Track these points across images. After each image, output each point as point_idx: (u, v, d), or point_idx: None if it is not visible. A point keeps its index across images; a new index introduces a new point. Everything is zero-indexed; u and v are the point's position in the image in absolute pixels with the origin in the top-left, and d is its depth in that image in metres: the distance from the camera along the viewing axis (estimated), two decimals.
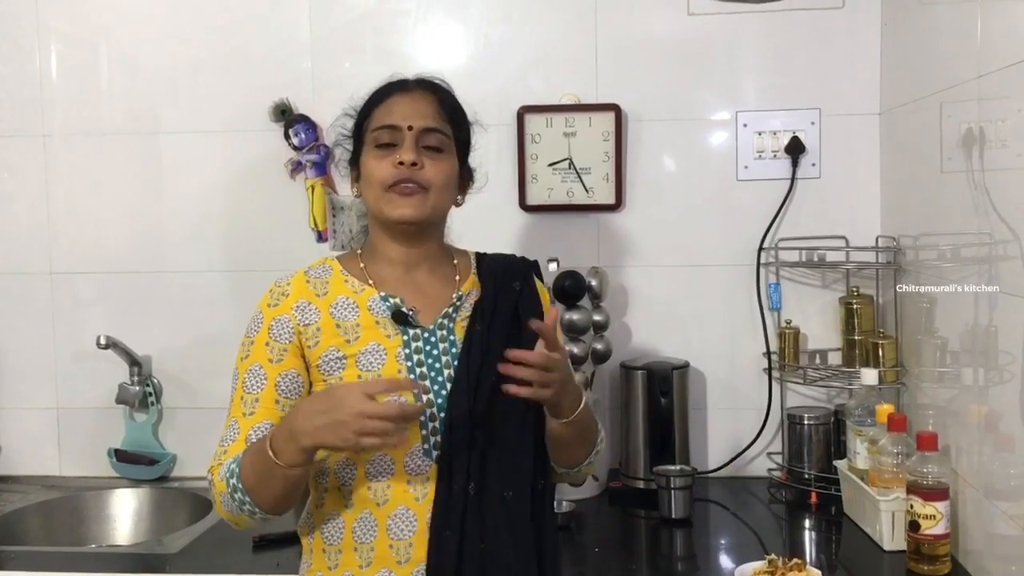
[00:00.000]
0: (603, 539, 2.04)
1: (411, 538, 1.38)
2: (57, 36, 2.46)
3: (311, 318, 1.42)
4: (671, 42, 2.34)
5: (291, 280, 1.46)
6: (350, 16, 2.41)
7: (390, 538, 1.38)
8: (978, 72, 1.69)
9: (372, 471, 1.39)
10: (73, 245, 2.48)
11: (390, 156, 1.41)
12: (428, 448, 1.39)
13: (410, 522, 1.38)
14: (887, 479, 1.85)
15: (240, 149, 2.43)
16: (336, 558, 1.41)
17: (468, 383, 1.39)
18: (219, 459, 1.39)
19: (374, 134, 1.44)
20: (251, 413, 1.40)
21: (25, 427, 2.51)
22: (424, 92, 1.47)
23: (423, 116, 1.43)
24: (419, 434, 1.39)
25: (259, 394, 1.40)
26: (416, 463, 1.39)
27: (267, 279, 1.50)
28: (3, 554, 2.02)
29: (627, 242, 2.37)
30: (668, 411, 2.22)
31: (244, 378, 1.42)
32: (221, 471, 1.37)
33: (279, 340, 1.42)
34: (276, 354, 1.41)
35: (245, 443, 1.38)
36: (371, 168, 1.43)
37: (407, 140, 1.41)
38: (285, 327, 1.42)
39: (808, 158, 2.32)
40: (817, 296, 2.33)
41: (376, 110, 1.46)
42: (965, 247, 1.80)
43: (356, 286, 1.45)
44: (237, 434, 1.39)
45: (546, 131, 2.34)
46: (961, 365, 1.83)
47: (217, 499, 1.38)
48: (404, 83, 1.48)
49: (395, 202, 1.41)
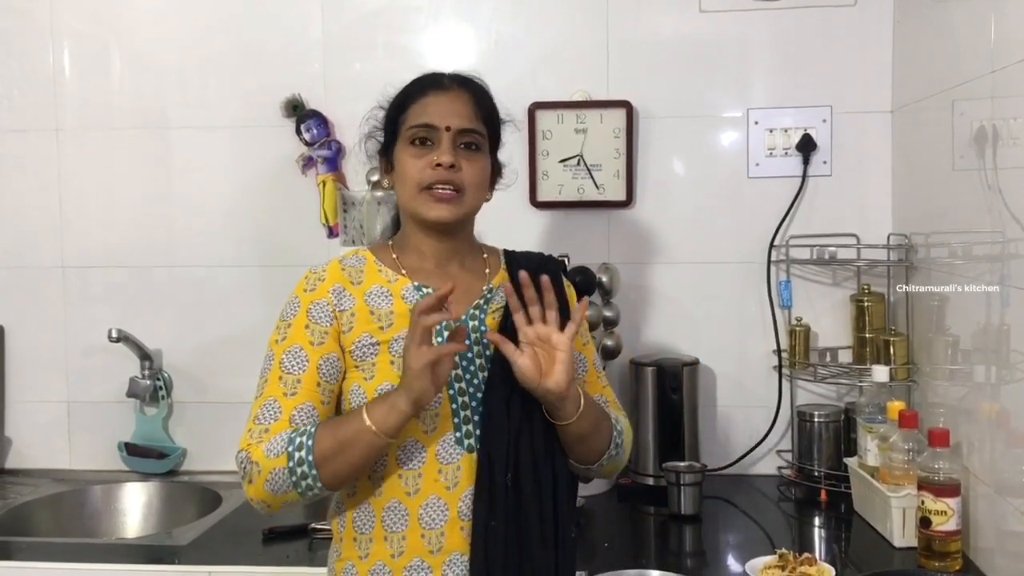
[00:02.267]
0: (613, 535, 2.03)
1: (443, 527, 1.39)
2: (70, 34, 2.48)
3: (346, 304, 1.43)
4: (682, 39, 2.34)
5: (326, 267, 1.47)
6: (361, 13, 2.41)
7: (422, 527, 1.39)
8: (991, 68, 1.69)
9: (403, 458, 1.40)
10: (85, 240, 2.49)
11: (426, 155, 1.42)
12: (460, 436, 1.41)
13: (441, 511, 1.40)
14: (898, 476, 1.85)
15: (251, 145, 2.44)
16: (367, 547, 1.42)
17: (503, 377, 1.40)
18: (259, 437, 1.37)
19: (410, 131, 1.44)
20: (293, 393, 1.39)
21: (36, 420, 2.52)
22: (461, 91, 1.47)
23: (460, 116, 1.44)
24: (450, 422, 1.40)
25: (301, 375, 1.40)
26: (447, 451, 1.40)
27: (278, 273, 1.52)
28: (14, 545, 2.03)
29: (638, 239, 2.37)
30: (678, 408, 2.22)
31: (282, 359, 1.42)
32: (268, 448, 1.35)
33: (319, 323, 1.42)
34: (317, 336, 1.42)
35: (290, 423, 1.37)
36: (407, 166, 1.44)
37: (444, 141, 1.42)
38: (324, 310, 1.43)
39: (819, 156, 2.31)
40: (828, 294, 2.33)
41: (412, 106, 1.46)
42: (977, 245, 1.80)
43: (390, 275, 1.47)
44: (280, 413, 1.38)
45: (557, 128, 2.34)
46: (973, 363, 1.83)
47: (260, 477, 1.35)
48: (440, 80, 1.48)
49: (430, 204, 1.43)
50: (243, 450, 1.38)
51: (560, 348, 1.36)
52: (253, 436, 1.38)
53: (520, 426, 1.41)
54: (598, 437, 1.48)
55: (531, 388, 1.37)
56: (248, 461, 1.37)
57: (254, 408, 1.41)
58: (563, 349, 1.36)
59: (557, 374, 1.35)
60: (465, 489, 1.40)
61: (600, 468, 1.51)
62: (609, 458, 1.50)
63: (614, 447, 1.50)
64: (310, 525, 1.97)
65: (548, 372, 1.36)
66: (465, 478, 1.40)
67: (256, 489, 1.37)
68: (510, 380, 1.39)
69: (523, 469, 1.40)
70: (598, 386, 1.56)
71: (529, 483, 1.40)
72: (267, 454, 1.35)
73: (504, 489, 1.39)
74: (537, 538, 1.40)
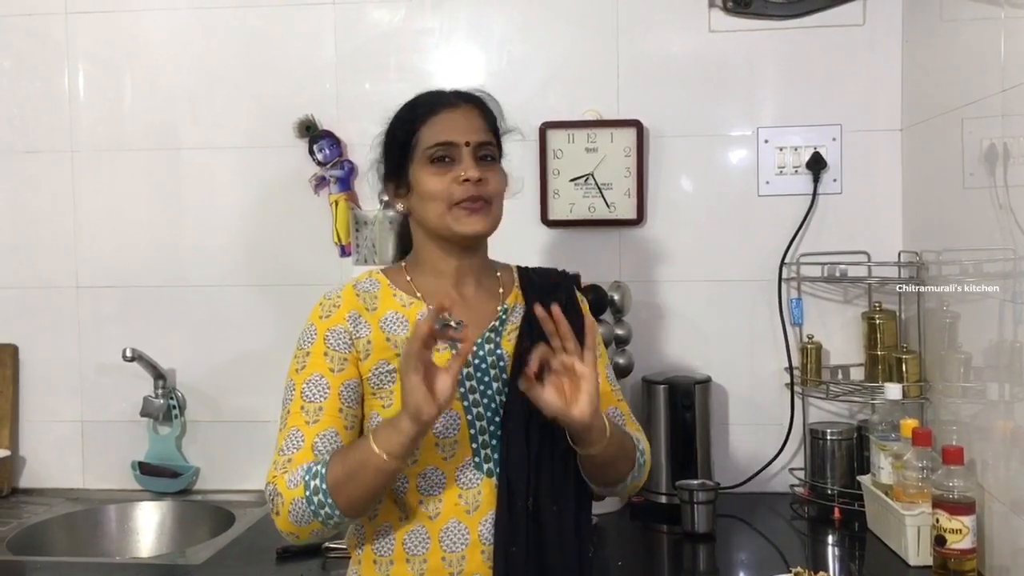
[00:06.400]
0: (625, 554, 2.03)
1: (464, 551, 1.40)
2: (85, 56, 2.50)
3: (363, 331, 1.43)
4: (692, 58, 2.36)
5: (341, 293, 1.47)
6: (374, 34, 2.44)
7: (443, 550, 1.40)
8: (1002, 88, 1.70)
9: (424, 485, 1.40)
10: (99, 259, 2.51)
11: (450, 172, 1.42)
12: (479, 461, 1.41)
13: (462, 535, 1.40)
14: (912, 494, 1.85)
15: (264, 165, 2.46)
16: (387, 569, 1.42)
17: (522, 401, 1.38)
18: (283, 468, 1.37)
19: (429, 150, 1.43)
20: (315, 421, 1.39)
21: (50, 439, 2.53)
22: (469, 106, 1.48)
23: (476, 131, 1.45)
24: (468, 447, 1.41)
25: (323, 403, 1.40)
26: (467, 476, 1.41)
27: (291, 293, 1.52)
28: (28, 565, 2.04)
29: (649, 257, 2.38)
30: (690, 426, 2.22)
31: (303, 388, 1.42)
32: (290, 478, 1.36)
33: (338, 350, 1.42)
34: (337, 364, 1.42)
35: (312, 451, 1.37)
36: (431, 185, 1.43)
37: (466, 157, 1.43)
38: (340, 337, 1.43)
39: (829, 174, 2.32)
40: (839, 311, 2.33)
41: (424, 126, 1.45)
42: (988, 262, 1.80)
43: (404, 300, 1.46)
44: (302, 442, 1.38)
45: (568, 147, 2.36)
46: (986, 380, 1.83)
47: (284, 508, 1.35)
48: (447, 98, 1.48)
49: (463, 219, 1.42)
50: (269, 483, 1.39)
51: (584, 378, 1.34)
52: (278, 467, 1.38)
53: (540, 451, 1.41)
54: (624, 461, 1.47)
55: (557, 418, 1.35)
56: (275, 493, 1.37)
57: (279, 440, 1.41)
58: (587, 379, 1.34)
59: (582, 404, 1.33)
60: (485, 513, 1.40)
61: (623, 489, 1.52)
62: (632, 479, 1.50)
63: (637, 468, 1.50)
64: (324, 544, 1.97)
65: (573, 402, 1.34)
66: (486, 502, 1.40)
67: (283, 520, 1.37)
68: (529, 404, 1.38)
69: (543, 494, 1.40)
70: (613, 399, 1.55)
71: (549, 508, 1.40)
72: (289, 485, 1.36)
73: (524, 514, 1.39)
74: (559, 563, 1.40)
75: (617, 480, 1.49)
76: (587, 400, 1.33)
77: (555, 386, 1.35)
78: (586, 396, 1.33)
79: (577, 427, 1.36)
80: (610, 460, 1.43)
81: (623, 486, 1.50)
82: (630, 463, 1.48)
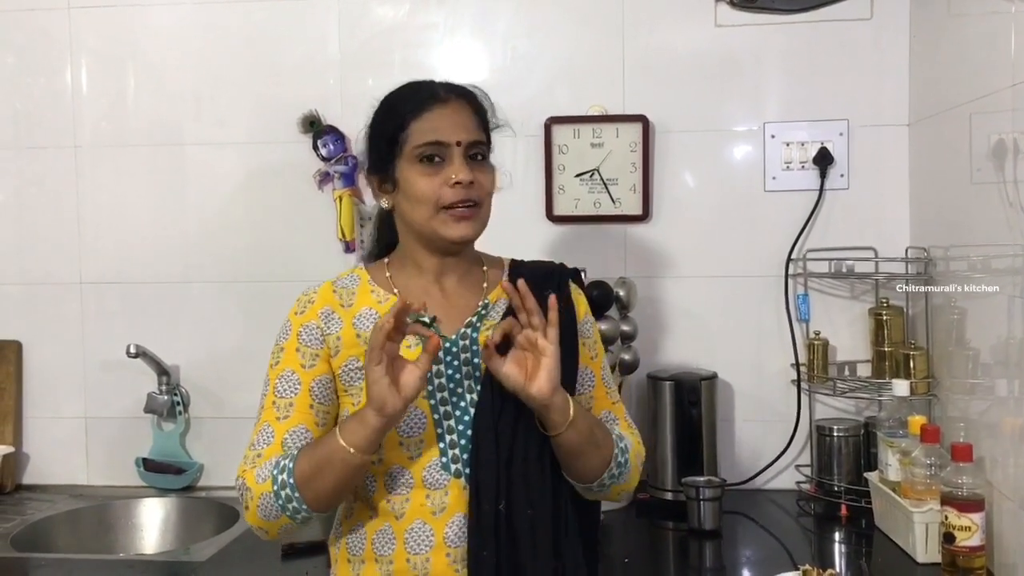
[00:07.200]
0: (632, 551, 2.02)
1: (428, 553, 1.37)
2: (88, 52, 2.49)
3: (334, 327, 1.42)
4: (698, 53, 2.34)
5: (318, 289, 1.47)
6: (377, 30, 2.42)
7: (407, 552, 1.37)
8: (1012, 82, 1.69)
9: (390, 484, 1.39)
10: (102, 255, 2.51)
11: (439, 173, 1.39)
12: (446, 462, 1.38)
13: (426, 536, 1.37)
14: (920, 491, 1.84)
15: (268, 161, 2.45)
16: (359, 568, 1.41)
17: (492, 399, 1.37)
18: (252, 463, 1.38)
19: (418, 149, 1.39)
20: (285, 417, 1.39)
21: (54, 436, 2.52)
22: (460, 101, 1.44)
23: (467, 129, 1.41)
24: (436, 447, 1.38)
25: (293, 399, 1.40)
26: (434, 477, 1.38)
27: (295, 289, 1.51)
28: (31, 562, 2.04)
29: (654, 253, 2.37)
30: (696, 422, 2.21)
31: (275, 384, 1.42)
32: (258, 472, 1.36)
33: (310, 346, 1.42)
34: (308, 359, 1.42)
35: (281, 446, 1.37)
36: (419, 186, 1.39)
37: (457, 157, 1.39)
38: (313, 333, 1.42)
39: (836, 169, 2.31)
40: (846, 307, 2.32)
41: (414, 123, 1.40)
42: (996, 258, 1.79)
43: (381, 296, 1.45)
44: (272, 438, 1.38)
45: (573, 142, 2.34)
46: (994, 376, 1.82)
47: (253, 502, 1.36)
48: (437, 93, 1.43)
49: (450, 225, 1.39)
50: (239, 477, 1.39)
51: (545, 354, 1.33)
52: (248, 462, 1.38)
53: (513, 452, 1.37)
54: (595, 453, 1.41)
55: (516, 393, 1.34)
56: (244, 487, 1.37)
57: (252, 435, 1.41)
58: (548, 355, 1.32)
59: (540, 380, 1.32)
60: (452, 515, 1.37)
61: (603, 488, 1.44)
62: (611, 477, 1.43)
63: (615, 465, 1.43)
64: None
65: (532, 377, 1.33)
66: (453, 504, 1.37)
67: (252, 515, 1.37)
68: (500, 402, 1.36)
69: (515, 496, 1.36)
70: (607, 402, 1.52)
71: (523, 512, 1.36)
72: (257, 479, 1.35)
73: (494, 517, 1.35)
74: (530, 568, 1.35)
75: (592, 476, 1.42)
76: (546, 376, 1.32)
77: (517, 361, 1.34)
78: (545, 372, 1.32)
79: (536, 404, 1.34)
80: (576, 449, 1.38)
81: (600, 484, 1.43)
82: (604, 459, 1.42)
